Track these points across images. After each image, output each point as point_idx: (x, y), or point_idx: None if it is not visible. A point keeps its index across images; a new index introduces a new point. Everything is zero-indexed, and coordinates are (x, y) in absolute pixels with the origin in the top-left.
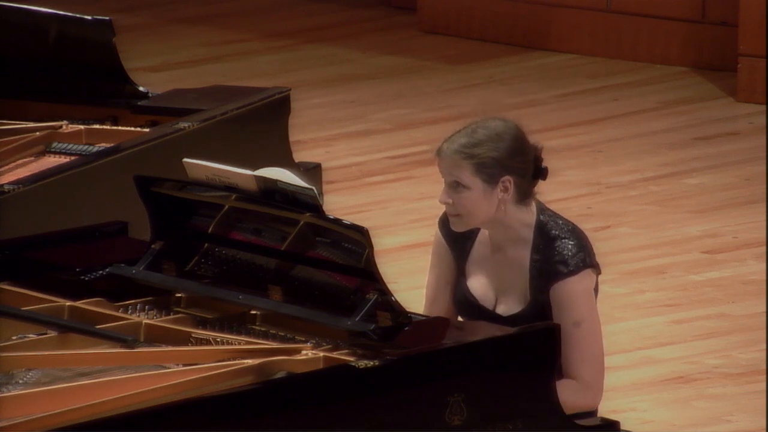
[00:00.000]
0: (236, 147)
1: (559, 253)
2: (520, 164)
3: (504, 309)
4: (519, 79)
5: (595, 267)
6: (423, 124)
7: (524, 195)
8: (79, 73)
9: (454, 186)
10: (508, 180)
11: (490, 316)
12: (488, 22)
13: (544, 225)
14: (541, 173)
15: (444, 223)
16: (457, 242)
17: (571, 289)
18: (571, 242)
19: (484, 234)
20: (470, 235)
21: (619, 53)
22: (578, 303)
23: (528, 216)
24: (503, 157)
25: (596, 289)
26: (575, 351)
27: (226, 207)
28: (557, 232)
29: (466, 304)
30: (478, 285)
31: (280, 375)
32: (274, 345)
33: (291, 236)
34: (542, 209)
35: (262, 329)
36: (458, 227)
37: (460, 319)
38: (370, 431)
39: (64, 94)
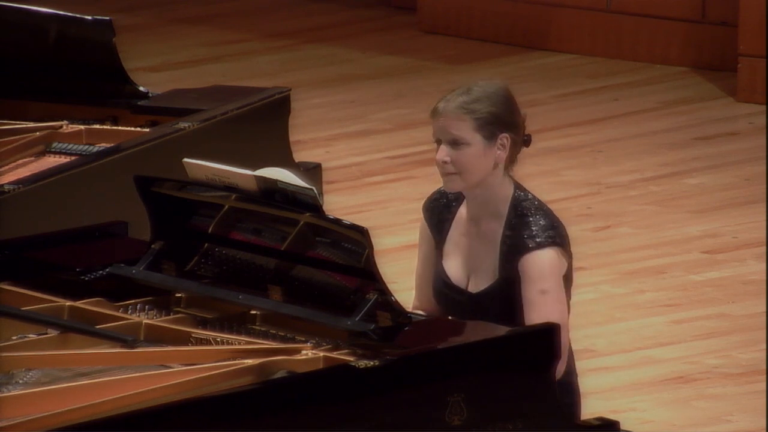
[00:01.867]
0: (236, 147)
1: (528, 229)
2: (515, 122)
3: (474, 286)
4: (519, 79)
5: (565, 249)
6: (423, 124)
7: (512, 160)
8: (79, 73)
9: (454, 143)
10: (506, 137)
11: (462, 294)
12: (488, 22)
13: (519, 201)
14: (526, 141)
15: (428, 207)
16: (438, 225)
17: (539, 261)
18: (542, 220)
19: (461, 214)
20: (448, 217)
21: (619, 53)
22: (546, 274)
23: (507, 190)
24: (501, 113)
25: (569, 278)
26: (540, 317)
27: (226, 207)
28: (530, 209)
29: (440, 285)
30: (452, 265)
31: (280, 375)
32: (274, 345)
33: (291, 236)
34: (518, 187)
35: (262, 329)
36: (454, 186)
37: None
38: (370, 431)
39: (64, 94)
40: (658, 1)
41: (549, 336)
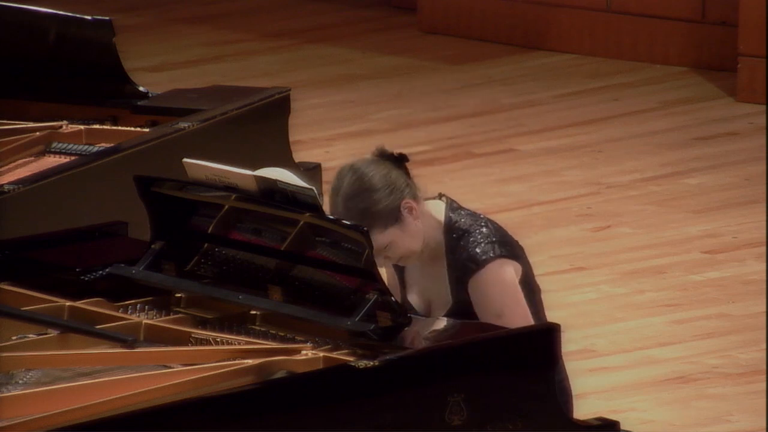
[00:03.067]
0: (236, 147)
1: (465, 250)
2: (397, 183)
3: (434, 314)
4: (519, 79)
5: (511, 254)
6: (423, 124)
7: (416, 194)
8: (79, 73)
9: (381, 251)
10: (407, 202)
11: None
12: (488, 22)
13: (451, 224)
14: (403, 160)
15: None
16: None
17: (484, 282)
18: (478, 237)
19: None
20: None
21: (619, 53)
22: (494, 294)
23: (434, 217)
24: (385, 198)
25: (528, 277)
26: None
27: (226, 207)
28: (464, 229)
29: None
30: (414, 295)
31: (280, 375)
32: (274, 345)
33: (291, 236)
34: (451, 207)
35: (262, 329)
36: (409, 263)
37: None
38: (370, 431)
39: (64, 94)
40: (658, 1)
41: (549, 336)
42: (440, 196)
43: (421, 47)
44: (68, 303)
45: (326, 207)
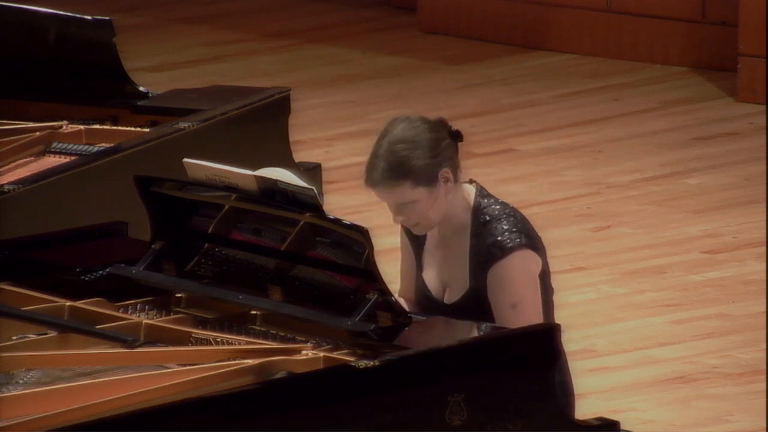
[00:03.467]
0: (236, 147)
1: (492, 236)
2: (445, 152)
3: (449, 297)
4: (519, 79)
5: (534, 247)
6: None
7: (457, 171)
8: (79, 73)
9: (402, 205)
10: (446, 171)
11: (440, 306)
12: (488, 22)
13: (480, 208)
14: (458, 138)
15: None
16: (415, 238)
17: (507, 271)
18: (506, 225)
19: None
20: None
21: (619, 53)
22: (514, 285)
23: (466, 200)
24: (430, 158)
25: (546, 273)
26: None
27: (226, 207)
28: (492, 215)
29: (421, 296)
30: (430, 276)
31: (280, 375)
32: (274, 345)
33: (291, 236)
34: (481, 193)
35: (262, 329)
36: (422, 231)
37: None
38: (370, 431)
39: (64, 94)
40: (658, 1)
41: (549, 336)
42: (471, 181)
43: (421, 47)
44: (68, 303)
45: (326, 206)
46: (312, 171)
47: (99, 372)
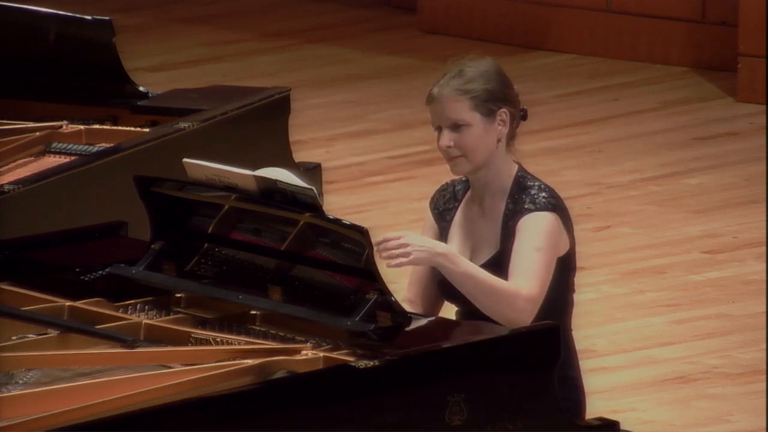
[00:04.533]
0: (236, 147)
1: (529, 196)
2: (511, 96)
3: (476, 260)
4: (519, 79)
5: (566, 222)
6: (423, 124)
7: (512, 135)
8: (79, 73)
9: (454, 127)
10: (505, 112)
11: None
12: (488, 22)
13: (522, 178)
14: (523, 115)
15: (435, 197)
16: (443, 213)
17: (537, 220)
18: (544, 193)
19: (466, 200)
20: (455, 204)
21: (619, 53)
22: (541, 233)
23: (510, 168)
24: (497, 90)
25: (571, 262)
26: (529, 267)
27: (226, 207)
28: (532, 184)
29: None
30: (455, 244)
31: (280, 375)
32: (274, 345)
33: (291, 236)
34: (524, 170)
35: (262, 329)
36: (461, 169)
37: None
38: (370, 431)
39: (64, 94)
40: (658, 1)
41: (549, 336)
42: (515, 161)
43: (421, 47)
44: (68, 303)
45: (326, 206)
46: (312, 171)
47: (99, 372)
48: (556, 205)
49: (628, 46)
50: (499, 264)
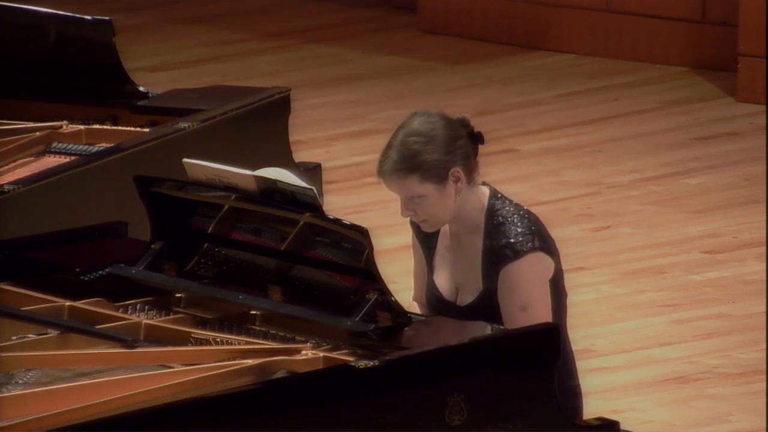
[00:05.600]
0: (236, 147)
1: (506, 237)
2: (459, 151)
3: (461, 300)
4: (519, 79)
5: (547, 250)
6: None
7: (472, 172)
8: (79, 73)
9: (410, 199)
10: (456, 171)
11: (452, 308)
12: (488, 22)
13: (494, 210)
14: (478, 140)
15: (414, 222)
16: (425, 240)
17: (518, 273)
18: (519, 227)
19: (445, 228)
20: (435, 233)
21: (619, 53)
22: (525, 287)
23: (480, 201)
24: (442, 154)
25: (558, 277)
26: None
27: (226, 207)
28: (506, 216)
29: (432, 298)
30: (441, 279)
31: (280, 375)
32: (274, 345)
33: (291, 236)
34: (495, 195)
35: (262, 329)
36: (430, 229)
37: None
38: (370, 431)
39: (64, 94)
40: (658, 1)
41: (549, 336)
42: (483, 183)
43: (421, 47)
44: (68, 303)
45: (326, 206)
46: (312, 171)
47: (99, 372)
48: (532, 240)
49: (628, 46)
50: (485, 304)
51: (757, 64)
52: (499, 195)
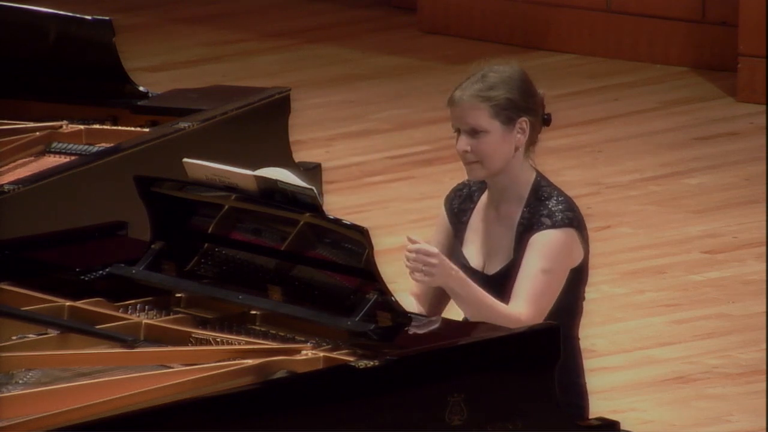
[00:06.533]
0: (236, 147)
1: (546, 209)
2: (532, 105)
3: (490, 268)
4: None
5: (582, 235)
6: (423, 124)
7: (532, 141)
8: (79, 73)
9: (472, 132)
10: (525, 121)
11: (480, 277)
12: (488, 22)
13: (540, 186)
14: (546, 120)
15: (450, 197)
16: (458, 214)
17: (550, 239)
18: (562, 206)
19: (482, 202)
20: (470, 206)
21: (619, 53)
22: (554, 254)
23: (528, 175)
24: (518, 98)
25: (584, 271)
26: (531, 289)
27: (226, 207)
28: (551, 195)
29: (460, 269)
30: (471, 250)
31: (280, 375)
32: (274, 345)
33: (291, 236)
34: (543, 177)
35: (262, 329)
36: (477, 174)
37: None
38: (370, 431)
39: (64, 94)
40: (658, 1)
41: (549, 336)
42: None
43: (421, 47)
44: (68, 303)
45: (326, 206)
46: (312, 171)
47: (99, 372)
48: (572, 218)
49: (628, 46)
50: (511, 275)
51: (757, 64)
52: (544, 176)
